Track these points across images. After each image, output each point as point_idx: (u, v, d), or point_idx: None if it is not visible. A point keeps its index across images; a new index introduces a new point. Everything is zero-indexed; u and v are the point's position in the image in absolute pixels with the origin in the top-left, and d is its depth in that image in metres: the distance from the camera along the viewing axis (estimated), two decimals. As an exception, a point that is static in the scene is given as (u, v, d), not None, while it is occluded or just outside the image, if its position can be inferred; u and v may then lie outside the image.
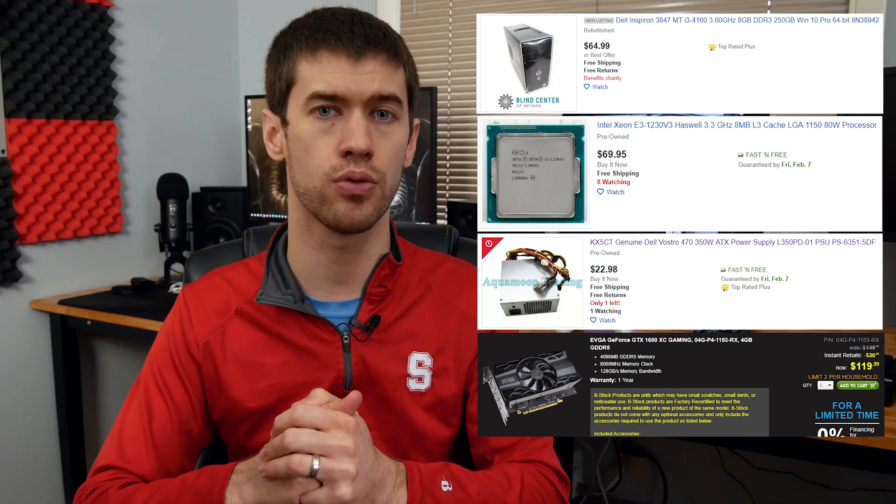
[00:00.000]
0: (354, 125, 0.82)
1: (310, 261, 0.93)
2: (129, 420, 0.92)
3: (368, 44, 0.83)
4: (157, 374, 0.94)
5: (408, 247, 1.00)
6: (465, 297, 0.97)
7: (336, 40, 0.82)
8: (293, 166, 0.88)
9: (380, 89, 0.83)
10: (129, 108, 2.32)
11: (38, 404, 2.16)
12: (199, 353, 0.93)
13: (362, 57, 0.83)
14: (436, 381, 0.94)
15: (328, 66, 0.83)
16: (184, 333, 0.94)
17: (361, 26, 0.84)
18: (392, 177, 0.88)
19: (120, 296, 2.16)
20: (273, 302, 0.91)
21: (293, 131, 0.86)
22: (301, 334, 0.92)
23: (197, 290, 0.97)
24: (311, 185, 0.85)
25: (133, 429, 0.91)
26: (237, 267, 0.99)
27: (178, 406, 0.93)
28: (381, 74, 0.84)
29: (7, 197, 1.98)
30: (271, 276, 0.94)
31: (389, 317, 0.93)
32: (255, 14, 2.68)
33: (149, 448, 0.90)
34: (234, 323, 0.94)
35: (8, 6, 1.95)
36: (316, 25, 0.84)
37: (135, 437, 0.91)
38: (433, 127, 2.12)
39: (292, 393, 0.91)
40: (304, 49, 0.84)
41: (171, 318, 0.97)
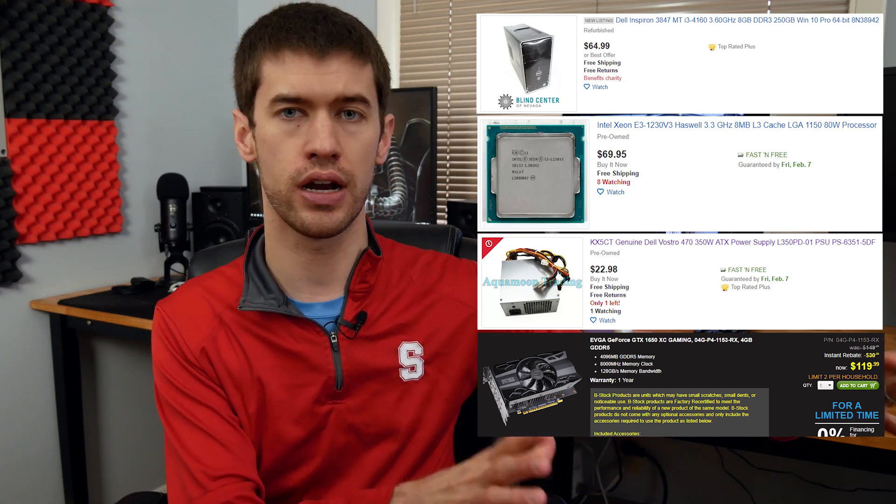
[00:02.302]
0: (319, 126, 0.81)
1: (288, 262, 0.91)
2: (187, 444, 0.87)
3: (332, 42, 0.81)
4: (180, 389, 0.89)
5: (385, 242, 0.99)
6: (446, 282, 0.97)
7: (298, 40, 0.81)
8: (261, 168, 0.87)
9: (344, 90, 0.82)
10: (129, 108, 2.32)
11: (38, 404, 2.16)
12: (200, 360, 0.90)
13: (325, 56, 0.81)
14: (428, 368, 0.94)
15: (291, 68, 0.81)
16: (179, 347, 0.90)
17: (325, 24, 0.82)
18: (363, 177, 0.86)
19: (120, 296, 2.16)
20: (256, 308, 0.89)
21: (259, 133, 0.85)
22: (288, 337, 0.91)
23: (176, 304, 0.94)
24: (278, 188, 0.84)
25: (196, 445, 0.86)
26: (213, 276, 0.97)
27: (215, 403, 0.89)
28: (346, 74, 0.82)
29: (7, 197, 1.98)
30: (252, 281, 0.92)
31: (375, 312, 0.93)
32: (255, 15, 2.66)
33: (221, 448, 0.86)
34: (220, 333, 0.91)
35: (8, 6, 1.95)
36: (279, 24, 0.83)
37: (202, 447, 0.86)
38: (433, 127, 2.12)
39: (283, 397, 0.90)
40: (267, 49, 0.83)
41: (161, 335, 0.92)
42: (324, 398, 0.91)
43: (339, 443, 0.92)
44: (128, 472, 2.43)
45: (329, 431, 0.92)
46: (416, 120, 2.14)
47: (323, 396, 0.91)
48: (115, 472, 2.40)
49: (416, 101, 2.13)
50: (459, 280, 0.97)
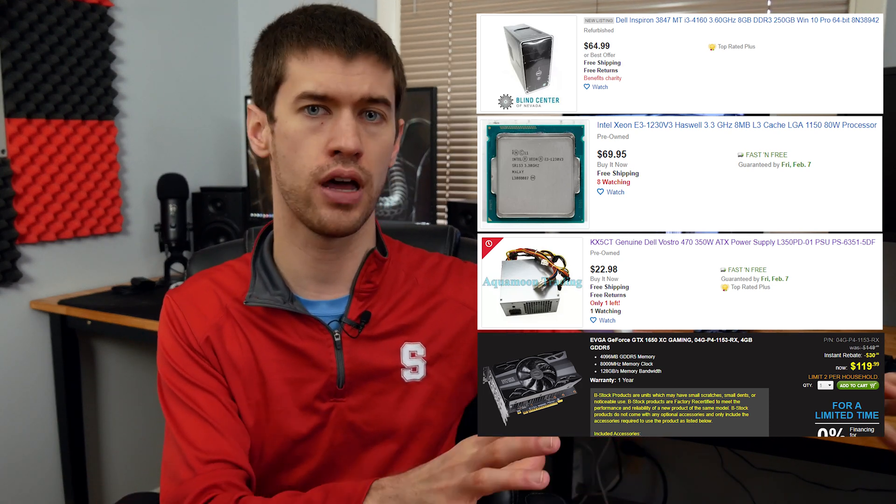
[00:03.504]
0: (344, 125, 0.82)
1: (295, 260, 0.92)
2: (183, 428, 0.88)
3: (360, 44, 0.83)
4: (183, 375, 0.90)
5: (392, 243, 1.00)
6: (450, 284, 0.98)
7: (328, 39, 0.82)
8: (279, 164, 0.87)
9: (370, 91, 0.83)
10: (129, 108, 2.32)
11: (38, 404, 2.16)
12: (204, 348, 0.92)
13: (354, 57, 0.83)
14: (430, 369, 0.94)
15: (319, 66, 0.82)
16: (185, 334, 0.92)
17: (353, 26, 0.84)
18: (378, 178, 0.88)
19: (120, 296, 2.16)
20: (262, 303, 0.91)
21: (281, 129, 0.86)
22: (292, 334, 0.92)
23: (186, 293, 0.96)
24: (297, 184, 0.85)
25: (192, 430, 0.87)
26: (222, 269, 0.98)
27: (216, 390, 0.90)
28: (372, 76, 0.84)
29: (7, 197, 1.98)
30: (258, 277, 0.93)
31: (379, 312, 0.93)
32: (255, 14, 2.68)
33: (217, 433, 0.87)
34: (226, 324, 0.93)
35: (8, 6, 1.95)
36: (307, 23, 0.84)
37: (199, 433, 0.87)
38: (433, 127, 2.12)
39: (285, 392, 0.91)
40: (294, 46, 0.84)
41: (168, 322, 0.94)
42: (325, 395, 0.91)
43: (339, 441, 0.92)
44: (128, 472, 2.43)
45: (329, 429, 0.92)
46: (416, 120, 2.15)
47: (324, 394, 0.91)
48: (115, 472, 2.40)
49: (416, 101, 2.13)
50: (464, 283, 0.98)
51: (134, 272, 2.37)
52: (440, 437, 0.97)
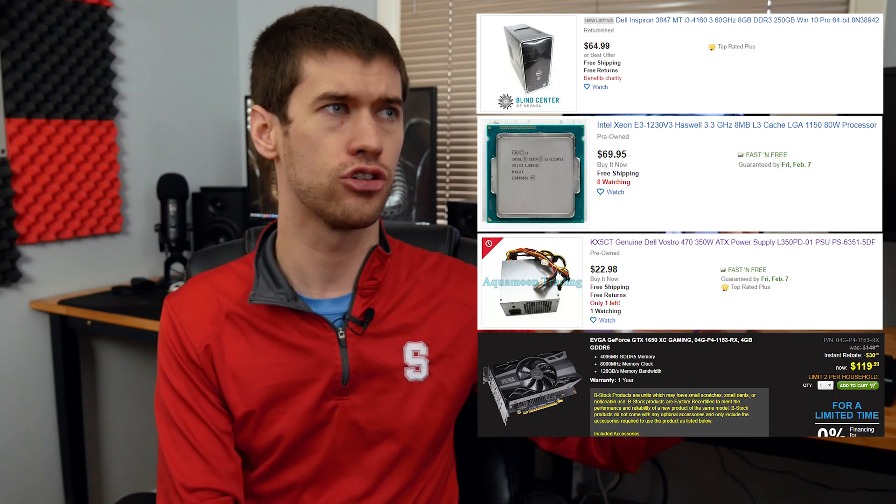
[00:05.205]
0: (366, 125, 0.84)
1: (302, 258, 0.93)
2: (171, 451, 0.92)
3: (377, 45, 0.85)
4: (176, 390, 0.93)
5: (393, 242, 1.00)
6: (452, 284, 0.98)
7: (347, 41, 0.83)
8: (294, 164, 0.87)
9: (386, 91, 0.85)
10: (129, 108, 2.32)
11: (38, 404, 2.16)
12: (202, 357, 0.92)
13: (372, 58, 0.84)
14: (433, 368, 0.94)
15: (339, 67, 0.83)
16: (181, 343, 0.92)
17: (367, 28, 0.85)
18: (392, 173, 0.90)
19: (120, 296, 2.16)
20: (266, 301, 0.91)
21: (298, 129, 0.86)
22: (296, 333, 0.92)
23: (184, 298, 0.96)
24: (317, 181, 0.85)
25: (180, 456, 0.91)
26: (222, 270, 0.98)
27: (208, 414, 0.92)
28: (388, 76, 0.86)
29: (7, 197, 1.98)
30: (262, 276, 0.93)
31: (382, 309, 0.94)
32: (255, 14, 2.68)
33: (201, 461, 0.91)
34: (226, 329, 0.93)
35: (8, 6, 1.95)
36: (322, 25, 0.85)
37: (185, 457, 0.91)
38: (433, 127, 2.12)
39: (289, 392, 0.91)
40: (310, 48, 0.84)
41: (165, 331, 0.95)
42: (329, 394, 0.92)
43: (342, 440, 0.93)
44: (128, 472, 2.43)
45: (332, 427, 0.92)
46: (416, 120, 2.15)
47: (329, 392, 0.91)
48: (115, 473, 2.40)
49: (416, 101, 2.13)
50: (465, 283, 0.98)
51: (134, 272, 2.37)
52: (442, 438, 0.97)
